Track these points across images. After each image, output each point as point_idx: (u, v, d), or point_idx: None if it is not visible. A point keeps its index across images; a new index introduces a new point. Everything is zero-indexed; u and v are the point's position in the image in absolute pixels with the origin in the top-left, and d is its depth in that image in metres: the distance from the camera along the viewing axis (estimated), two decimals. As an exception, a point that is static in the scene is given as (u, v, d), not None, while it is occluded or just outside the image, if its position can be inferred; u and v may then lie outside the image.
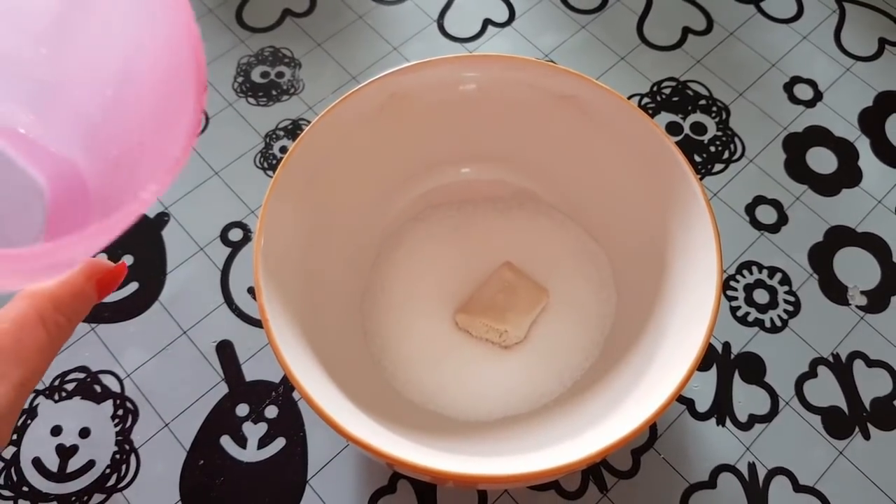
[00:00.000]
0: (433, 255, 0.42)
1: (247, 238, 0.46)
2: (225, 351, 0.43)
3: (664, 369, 0.33)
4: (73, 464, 0.40)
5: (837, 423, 0.41)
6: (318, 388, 0.31)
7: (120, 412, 0.41)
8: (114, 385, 0.42)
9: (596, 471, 0.40)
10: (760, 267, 0.45)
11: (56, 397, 0.41)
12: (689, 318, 0.34)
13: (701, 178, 0.48)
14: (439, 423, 0.37)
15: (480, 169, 0.43)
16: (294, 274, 0.36)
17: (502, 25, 0.54)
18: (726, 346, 0.43)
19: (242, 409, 0.41)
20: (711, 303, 0.33)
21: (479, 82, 0.40)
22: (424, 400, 0.38)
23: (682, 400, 0.42)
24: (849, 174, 0.49)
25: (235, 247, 0.46)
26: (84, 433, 0.40)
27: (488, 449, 0.36)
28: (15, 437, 0.40)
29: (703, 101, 0.51)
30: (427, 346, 0.39)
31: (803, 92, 0.52)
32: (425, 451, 0.31)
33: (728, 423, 0.41)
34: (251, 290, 0.44)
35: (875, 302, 0.44)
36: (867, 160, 0.49)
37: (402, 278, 0.41)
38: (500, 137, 0.42)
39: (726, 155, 0.49)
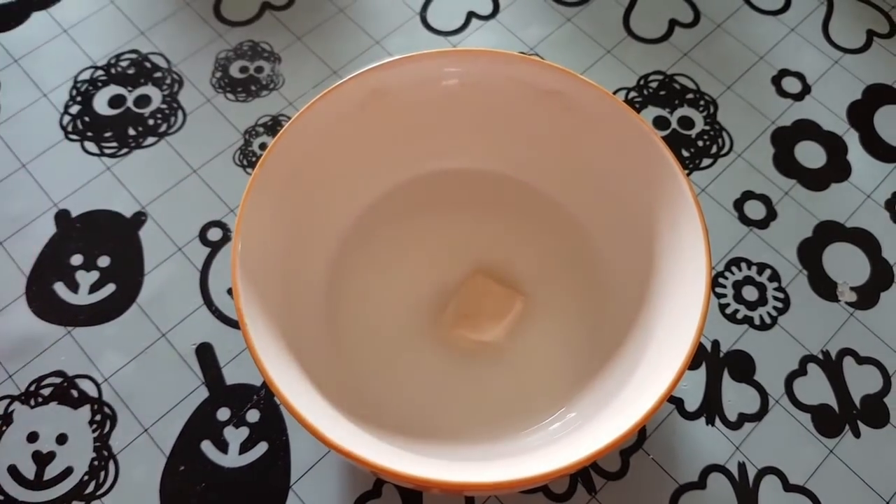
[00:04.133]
0: (416, 256, 0.41)
1: (226, 237, 0.45)
2: (205, 354, 0.42)
3: (653, 370, 0.32)
4: (51, 471, 0.39)
5: (828, 421, 0.41)
6: (298, 396, 0.31)
7: (98, 417, 0.40)
8: (91, 390, 0.41)
9: (584, 472, 0.39)
10: (749, 263, 0.45)
11: (32, 403, 0.40)
12: (679, 317, 0.33)
13: (689, 174, 0.47)
14: (423, 427, 0.36)
15: (464, 167, 0.43)
16: (273, 275, 0.35)
17: (486, 18, 0.53)
18: (715, 343, 0.42)
19: (223, 414, 0.40)
20: (701, 302, 0.32)
21: (463, 77, 0.39)
22: (407, 415, 0.37)
23: (671, 399, 0.41)
24: (837, 168, 0.48)
25: (215, 247, 0.45)
26: (61, 439, 0.39)
27: (475, 453, 0.35)
28: (-11, 444, 0.39)
29: (690, 95, 0.50)
30: (406, 360, 0.38)
31: (791, 85, 0.51)
32: (409, 458, 0.31)
33: (717, 422, 0.40)
34: (231, 291, 0.43)
35: (865, 298, 0.44)
36: (856, 154, 0.49)
37: (381, 282, 0.40)
38: (485, 134, 0.41)
39: (714, 150, 0.48)
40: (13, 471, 0.39)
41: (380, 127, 0.40)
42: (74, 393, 0.41)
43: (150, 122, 0.49)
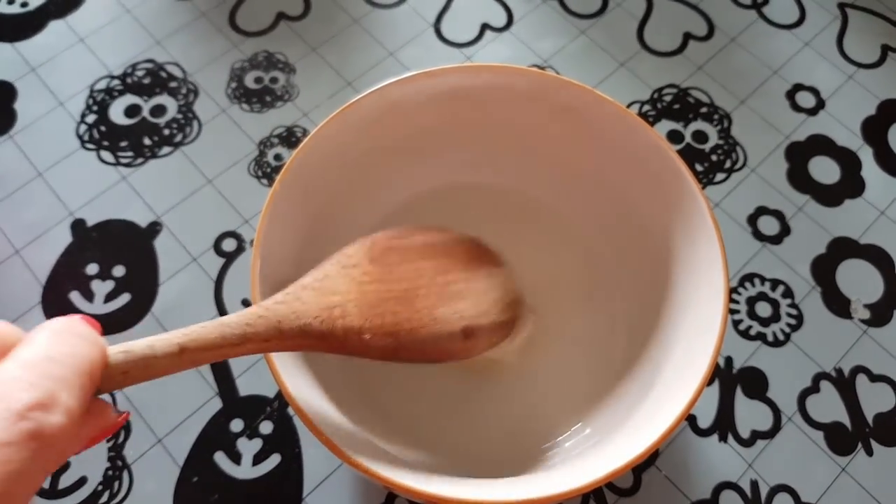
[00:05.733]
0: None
1: (240, 248, 0.45)
2: (219, 365, 0.42)
3: (670, 388, 0.32)
4: (65, 480, 0.39)
5: (840, 439, 0.41)
6: (314, 409, 0.31)
7: (112, 427, 0.40)
8: (106, 399, 0.41)
9: (597, 489, 0.39)
10: (763, 279, 0.45)
11: (46, 412, 0.40)
12: (696, 336, 0.33)
13: (703, 188, 0.47)
14: (436, 443, 0.36)
15: (479, 181, 0.43)
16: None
17: (500, 30, 0.54)
18: (728, 360, 0.42)
19: (237, 425, 0.40)
20: (718, 322, 0.32)
21: (479, 92, 0.39)
22: (420, 430, 0.37)
23: (684, 415, 0.41)
24: (851, 184, 0.48)
25: (229, 257, 0.45)
26: (75, 449, 0.40)
27: (489, 469, 0.35)
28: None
29: (704, 109, 0.50)
30: (417, 376, 0.38)
31: (805, 100, 0.51)
32: (423, 475, 0.31)
33: (730, 439, 0.40)
34: (245, 302, 0.44)
35: (878, 315, 0.44)
36: (870, 170, 0.49)
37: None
38: (501, 149, 0.41)
39: (728, 164, 0.48)
40: (28, 480, 0.39)
41: (395, 141, 0.40)
42: (89, 402, 0.41)
43: (166, 131, 0.49)
